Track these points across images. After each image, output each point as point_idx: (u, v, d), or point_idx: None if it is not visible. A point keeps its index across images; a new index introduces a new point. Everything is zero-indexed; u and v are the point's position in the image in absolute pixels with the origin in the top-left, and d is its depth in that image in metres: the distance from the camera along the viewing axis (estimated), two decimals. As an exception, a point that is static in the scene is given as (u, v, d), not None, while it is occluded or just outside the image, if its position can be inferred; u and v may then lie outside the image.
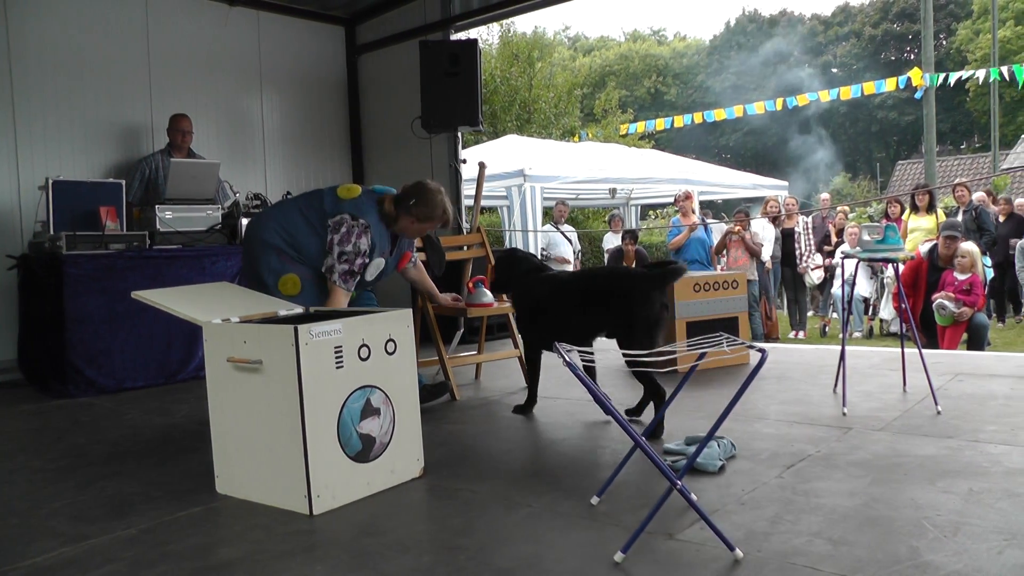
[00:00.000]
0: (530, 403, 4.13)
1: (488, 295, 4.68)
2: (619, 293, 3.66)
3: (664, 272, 3.72)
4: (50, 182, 5.12)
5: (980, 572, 2.00)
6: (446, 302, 4.53)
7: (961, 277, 6.97)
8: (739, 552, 2.15)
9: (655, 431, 3.41)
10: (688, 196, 9.63)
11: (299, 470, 2.65)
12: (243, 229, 5.89)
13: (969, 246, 7.27)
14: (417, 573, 2.17)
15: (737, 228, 9.36)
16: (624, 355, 5.11)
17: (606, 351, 4.00)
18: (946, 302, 6.90)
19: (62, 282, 4.97)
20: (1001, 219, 10.67)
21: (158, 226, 5.44)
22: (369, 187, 3.94)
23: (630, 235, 10.43)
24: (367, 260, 3.73)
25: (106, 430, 4.12)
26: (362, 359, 2.82)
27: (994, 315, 10.12)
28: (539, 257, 10.91)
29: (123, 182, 5.57)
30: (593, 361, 3.75)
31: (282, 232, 3.80)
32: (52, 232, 5.09)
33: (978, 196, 10.73)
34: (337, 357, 2.73)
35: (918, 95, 16.15)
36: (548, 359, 4.26)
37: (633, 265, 9.96)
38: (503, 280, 4.28)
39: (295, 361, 2.61)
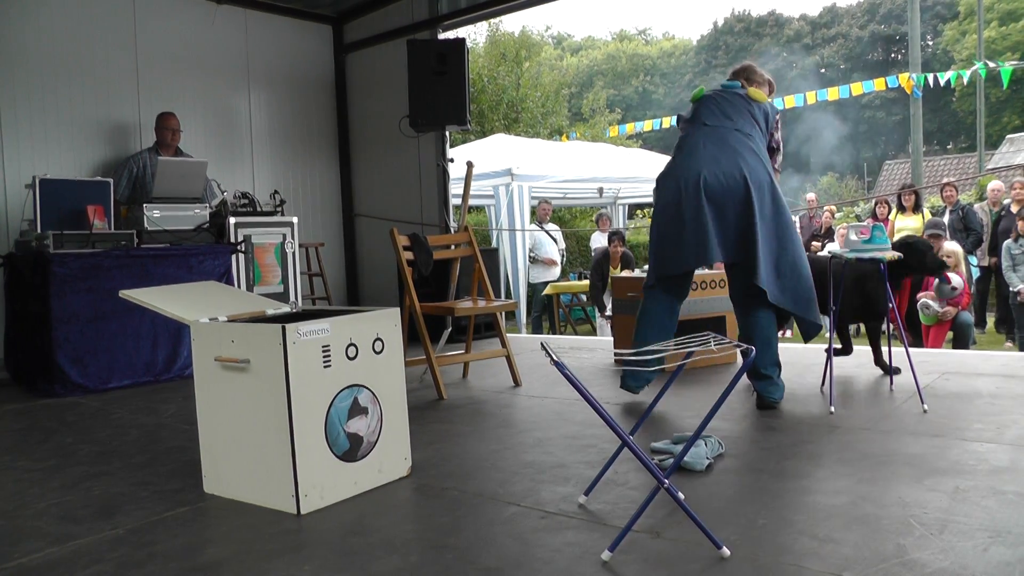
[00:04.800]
0: None
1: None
2: None
3: None
4: (37, 180, 5.09)
5: (966, 569, 2.01)
6: None
7: (945, 277, 7.01)
8: (726, 550, 2.15)
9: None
10: None
11: (287, 469, 2.65)
12: (241, 233, 5.88)
13: (952, 246, 7.32)
14: (404, 572, 2.16)
15: None
16: (616, 354, 5.16)
17: (597, 350, 4.00)
18: (930, 301, 6.94)
19: (49, 281, 4.94)
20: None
21: (146, 225, 5.42)
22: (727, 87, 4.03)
23: (617, 236, 10.34)
24: None
25: (93, 429, 4.10)
26: (350, 358, 2.81)
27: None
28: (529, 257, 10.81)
29: (111, 180, 5.55)
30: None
31: (763, 161, 3.82)
32: (39, 231, 5.06)
33: (996, 184, 10.30)
34: (325, 356, 2.73)
35: (916, 93, 16.12)
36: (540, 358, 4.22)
37: (619, 267, 9.96)
38: None
39: (283, 360, 2.60)
